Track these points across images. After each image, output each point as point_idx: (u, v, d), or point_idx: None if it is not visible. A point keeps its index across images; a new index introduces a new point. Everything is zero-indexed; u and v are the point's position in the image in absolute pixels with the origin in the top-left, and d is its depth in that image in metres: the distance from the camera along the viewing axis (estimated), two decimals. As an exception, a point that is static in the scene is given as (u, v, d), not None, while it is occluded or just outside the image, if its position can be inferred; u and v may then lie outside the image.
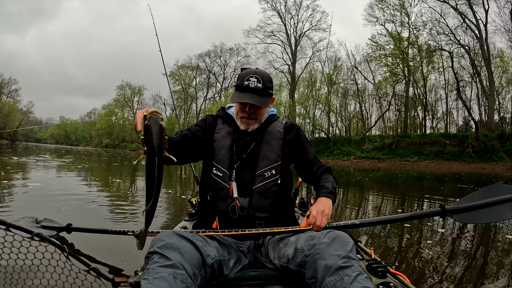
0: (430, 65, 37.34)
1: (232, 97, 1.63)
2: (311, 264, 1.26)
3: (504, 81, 35.42)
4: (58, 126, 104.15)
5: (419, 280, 2.27)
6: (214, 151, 1.68)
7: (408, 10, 36.77)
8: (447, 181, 13.94)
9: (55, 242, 1.32)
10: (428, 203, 7.28)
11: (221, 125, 1.75)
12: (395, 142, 32.03)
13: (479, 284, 2.29)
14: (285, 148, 1.70)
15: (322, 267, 1.20)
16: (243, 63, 52.82)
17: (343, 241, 1.25)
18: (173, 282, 1.10)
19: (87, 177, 9.93)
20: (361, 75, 40.90)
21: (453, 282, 2.29)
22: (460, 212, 1.64)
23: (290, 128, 1.76)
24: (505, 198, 1.60)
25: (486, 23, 32.75)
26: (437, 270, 2.49)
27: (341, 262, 1.17)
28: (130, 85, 70.52)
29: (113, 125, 75.66)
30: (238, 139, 1.68)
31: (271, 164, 1.64)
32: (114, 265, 2.34)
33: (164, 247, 1.21)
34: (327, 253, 1.22)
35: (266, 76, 1.64)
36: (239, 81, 1.63)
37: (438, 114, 40.34)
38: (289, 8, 46.83)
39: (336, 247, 1.23)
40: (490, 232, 4.07)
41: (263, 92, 1.61)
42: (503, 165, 25.33)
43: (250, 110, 1.64)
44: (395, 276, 1.44)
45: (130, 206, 5.12)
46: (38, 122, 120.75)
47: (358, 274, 1.14)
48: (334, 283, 1.14)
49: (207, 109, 51.62)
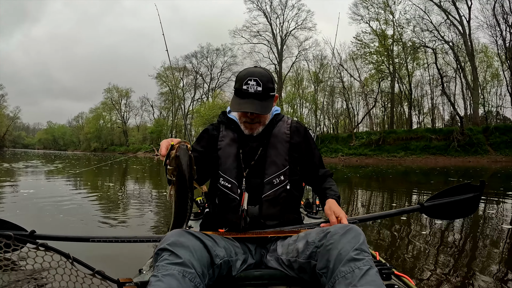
0: (415, 62, 37.65)
1: (231, 104, 1.53)
2: (323, 254, 1.24)
3: (488, 76, 36.04)
4: (46, 131, 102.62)
5: (424, 282, 2.24)
6: (219, 160, 1.61)
7: (392, 8, 37.15)
8: (436, 175, 13.87)
9: (59, 250, 1.33)
10: (425, 196, 7.07)
11: (224, 132, 1.66)
12: (382, 138, 32.19)
13: (486, 284, 2.26)
14: (292, 151, 1.63)
15: (334, 257, 1.18)
16: (230, 64, 53.15)
17: (356, 233, 1.23)
18: (182, 280, 1.09)
19: (81, 182, 9.77)
20: (347, 73, 41.12)
21: (459, 284, 2.25)
22: (433, 209, 1.86)
23: (297, 130, 1.69)
24: (470, 196, 1.87)
25: (469, 20, 33.28)
26: (442, 272, 2.43)
27: (354, 254, 1.15)
28: (117, 88, 69.62)
29: (101, 129, 74.63)
30: (244, 145, 1.61)
31: (279, 169, 1.58)
32: (118, 265, 2.40)
33: (174, 244, 1.18)
34: (341, 244, 1.19)
35: (266, 76, 1.54)
36: (237, 84, 1.54)
37: (424, 110, 40.86)
38: (275, 8, 46.84)
39: (349, 238, 1.20)
40: (496, 233, 3.92)
41: (264, 95, 1.52)
42: (488, 157, 25.80)
43: (252, 116, 1.55)
44: (400, 278, 1.43)
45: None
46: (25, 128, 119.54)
47: (369, 268, 1.12)
48: (345, 274, 1.11)
49: (195, 110, 50.99)
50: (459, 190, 1.91)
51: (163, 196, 6.77)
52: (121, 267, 2.38)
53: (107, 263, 2.40)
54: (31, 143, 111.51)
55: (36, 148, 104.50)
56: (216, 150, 1.63)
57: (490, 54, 34.87)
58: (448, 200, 1.88)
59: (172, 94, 59.86)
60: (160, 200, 6.39)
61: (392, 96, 38.02)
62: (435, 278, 2.34)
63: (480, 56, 35.45)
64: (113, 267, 2.31)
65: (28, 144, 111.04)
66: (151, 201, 6.37)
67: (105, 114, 74.29)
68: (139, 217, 4.67)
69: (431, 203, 1.88)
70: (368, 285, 1.07)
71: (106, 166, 17.75)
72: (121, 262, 2.61)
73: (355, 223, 1.55)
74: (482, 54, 35.55)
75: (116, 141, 73.10)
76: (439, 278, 2.34)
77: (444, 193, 1.92)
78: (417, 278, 2.30)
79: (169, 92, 60.02)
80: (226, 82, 54.80)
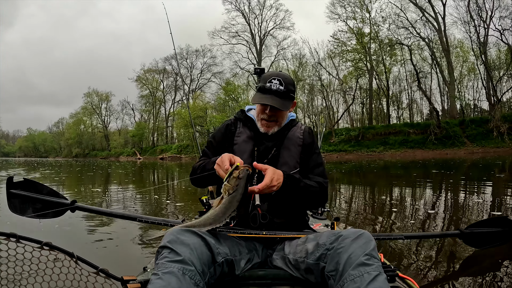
0: (392, 58, 37.87)
1: (253, 98, 1.59)
2: (333, 257, 1.24)
3: (465, 70, 36.58)
4: (26, 138, 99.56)
5: (428, 285, 2.19)
6: (234, 154, 1.52)
7: (368, 6, 37.22)
8: (419, 167, 13.82)
9: (64, 249, 1.35)
10: (420, 189, 7.03)
11: (241, 129, 1.70)
12: (361, 134, 32.19)
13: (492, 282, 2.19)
14: (303, 154, 1.67)
15: (345, 260, 1.18)
16: (209, 65, 52.21)
17: (367, 239, 1.24)
18: (182, 277, 1.08)
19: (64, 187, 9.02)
20: (325, 71, 40.91)
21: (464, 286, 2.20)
22: (470, 237, 2.17)
23: (308, 134, 1.73)
24: (505, 230, 2.15)
25: (444, 16, 33.62)
26: (446, 275, 2.35)
27: (364, 259, 1.15)
28: (97, 92, 68.00)
29: (82, 134, 72.81)
30: (259, 144, 1.64)
31: (290, 170, 1.59)
32: (122, 263, 2.37)
33: (174, 242, 1.17)
34: (352, 248, 1.20)
35: (289, 79, 1.60)
36: (261, 82, 1.60)
37: (403, 105, 41.15)
38: (253, 8, 46.55)
39: (360, 243, 1.21)
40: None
41: (284, 95, 1.57)
42: (465, 149, 26.12)
43: (270, 113, 1.59)
44: (404, 281, 1.42)
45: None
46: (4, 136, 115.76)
47: (378, 274, 1.12)
48: (354, 277, 1.12)
49: (176, 112, 50.01)
50: (495, 222, 2.12)
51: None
52: (126, 265, 2.36)
53: (112, 261, 2.37)
54: (12, 151, 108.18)
55: (17, 155, 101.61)
56: (232, 144, 1.67)
57: (466, 49, 35.26)
58: (485, 230, 2.06)
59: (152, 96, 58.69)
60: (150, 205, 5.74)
61: (370, 93, 38.17)
62: (440, 280, 2.26)
63: (456, 51, 35.95)
64: (118, 265, 2.29)
65: (8, 152, 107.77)
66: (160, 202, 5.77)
67: (85, 119, 72.65)
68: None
69: (469, 231, 2.10)
70: None
71: (91, 171, 17.11)
72: (127, 260, 2.55)
73: (401, 239, 1.98)
74: (458, 49, 36.03)
75: (98, 146, 71.68)
76: (444, 280, 2.26)
77: (482, 223, 2.11)
78: (422, 280, 2.24)
79: (150, 95, 58.86)
80: (206, 83, 54.15)
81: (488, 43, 31.50)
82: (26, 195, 1.91)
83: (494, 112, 27.32)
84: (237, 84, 45.59)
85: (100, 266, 1.34)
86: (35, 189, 1.96)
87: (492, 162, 14.70)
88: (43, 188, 1.98)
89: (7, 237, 1.32)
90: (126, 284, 1.31)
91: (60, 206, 1.98)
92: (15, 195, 1.89)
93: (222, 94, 45.25)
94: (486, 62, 30.78)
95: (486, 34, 31.21)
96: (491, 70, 31.08)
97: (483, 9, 31.01)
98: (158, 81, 58.33)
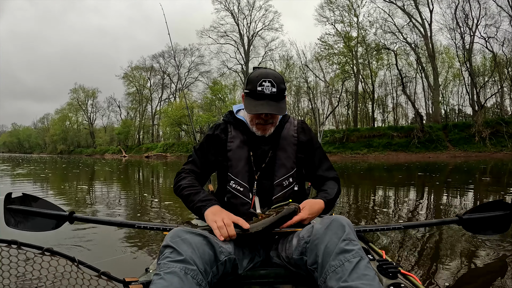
0: (379, 62, 37.92)
1: (247, 106, 1.49)
2: (311, 249, 1.21)
3: (450, 76, 36.97)
4: (11, 134, 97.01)
5: (430, 281, 2.10)
6: (230, 162, 1.57)
7: (356, 10, 37.17)
8: (404, 170, 13.71)
9: (65, 254, 1.34)
10: (406, 190, 7.02)
11: (233, 133, 1.61)
12: (346, 136, 31.91)
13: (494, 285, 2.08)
14: (299, 152, 1.61)
15: (322, 251, 1.15)
16: (197, 63, 51.27)
17: (340, 223, 1.19)
18: (184, 277, 1.05)
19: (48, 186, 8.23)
20: (312, 73, 40.61)
21: (466, 283, 2.13)
22: (470, 223, 2.03)
23: (303, 130, 1.66)
24: (502, 213, 2.03)
25: (430, 23, 33.62)
26: (448, 271, 2.26)
27: (342, 245, 1.12)
28: (83, 88, 66.52)
29: (67, 131, 71.13)
30: (255, 148, 1.57)
31: (288, 172, 1.56)
32: (123, 265, 2.36)
33: (176, 242, 1.15)
34: (327, 237, 1.17)
35: (279, 78, 1.50)
36: (250, 85, 1.48)
37: (388, 108, 41.20)
38: (242, 9, 46.02)
39: (334, 230, 1.18)
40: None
41: (278, 96, 1.48)
42: (448, 153, 26.12)
43: (267, 117, 1.50)
44: (406, 277, 1.40)
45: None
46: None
47: (359, 260, 1.08)
48: (335, 268, 1.08)
49: (163, 110, 49.09)
50: (493, 206, 2.05)
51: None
52: (128, 267, 2.34)
53: (114, 263, 2.26)
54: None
55: (1, 151, 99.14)
56: (225, 151, 1.59)
57: (452, 55, 35.43)
58: (485, 215, 2.00)
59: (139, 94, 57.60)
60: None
61: (356, 96, 37.96)
62: (442, 276, 2.19)
63: (442, 57, 36.22)
64: (120, 267, 2.26)
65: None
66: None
67: (71, 116, 71.08)
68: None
69: (468, 217, 2.00)
70: (359, 280, 1.02)
71: (77, 168, 16.40)
72: (128, 262, 2.48)
73: (400, 229, 1.91)
74: (444, 55, 36.32)
75: (83, 143, 70.12)
76: (447, 276, 2.19)
77: (480, 208, 2.05)
78: (424, 276, 2.19)
79: (136, 92, 57.75)
80: (193, 82, 53.19)
81: (473, 50, 31.61)
82: (25, 209, 1.94)
83: (476, 118, 27.35)
84: (224, 84, 45.00)
85: (102, 269, 1.33)
86: (33, 203, 2.00)
87: (475, 166, 14.53)
88: (41, 201, 2.02)
89: (8, 244, 1.32)
90: (128, 286, 1.30)
91: (58, 218, 2.00)
92: (14, 210, 1.92)
93: (209, 93, 44.56)
94: (470, 69, 30.81)
95: (472, 41, 31.29)
96: (475, 76, 31.15)
97: (470, 17, 31.05)
98: (145, 79, 57.25)
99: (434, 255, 2.65)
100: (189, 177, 1.56)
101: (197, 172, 1.61)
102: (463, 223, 2.01)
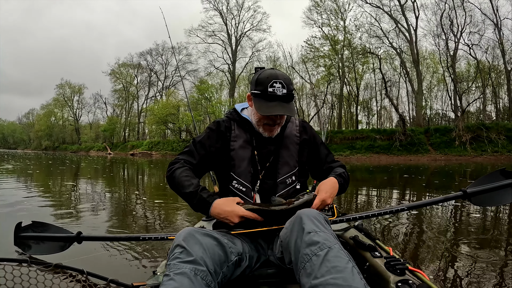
0: (364, 65, 37.76)
1: (258, 107, 1.42)
2: (285, 248, 1.19)
3: (435, 80, 36.89)
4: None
5: (439, 277, 2.13)
6: (233, 161, 1.52)
7: (344, 14, 36.89)
8: (390, 171, 13.47)
9: (74, 267, 1.36)
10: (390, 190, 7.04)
11: (237, 132, 1.56)
12: (329, 138, 31.37)
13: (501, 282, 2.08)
14: (302, 151, 1.60)
15: (293, 248, 1.12)
16: (184, 62, 50.19)
17: (305, 215, 1.15)
18: (194, 278, 1.03)
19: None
20: (298, 74, 40.19)
21: (474, 280, 2.10)
22: (475, 195, 1.87)
23: (304, 128, 1.64)
24: (506, 183, 1.85)
25: (416, 28, 33.52)
26: (457, 267, 2.30)
27: (307, 239, 1.07)
28: (70, 84, 64.86)
29: (53, 126, 69.26)
30: (259, 147, 1.54)
31: (291, 170, 1.54)
32: (131, 269, 2.32)
33: (187, 241, 1.13)
34: (294, 232, 1.14)
35: (288, 79, 1.46)
36: (260, 86, 1.42)
37: (373, 111, 41.06)
38: (231, 9, 45.42)
39: (299, 224, 1.13)
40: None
41: (289, 98, 1.44)
42: (429, 156, 25.88)
43: (276, 118, 1.47)
44: (414, 274, 1.36)
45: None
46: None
47: (327, 251, 1.02)
48: (304, 265, 1.03)
49: (149, 108, 48.03)
50: (497, 176, 1.92)
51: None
52: (135, 273, 2.27)
53: (122, 270, 2.30)
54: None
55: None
56: (228, 150, 1.53)
57: (436, 61, 35.39)
58: (491, 185, 1.88)
59: (125, 91, 56.34)
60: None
61: (341, 98, 37.65)
62: (451, 273, 2.20)
63: (427, 62, 36.24)
64: (128, 273, 2.25)
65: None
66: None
67: (57, 111, 69.24)
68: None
69: (472, 190, 1.89)
70: (329, 274, 0.96)
71: (64, 165, 15.91)
72: (136, 267, 2.37)
73: (403, 210, 1.82)
74: (429, 60, 36.32)
75: (68, 140, 68.42)
76: (455, 273, 2.19)
77: (484, 179, 1.93)
78: (432, 273, 2.19)
79: (123, 89, 56.47)
80: (180, 80, 52.20)
81: (457, 56, 31.60)
82: (36, 236, 2.03)
83: (457, 122, 27.26)
84: (211, 84, 44.25)
85: (110, 277, 1.34)
86: (42, 229, 2.10)
87: (458, 169, 14.29)
88: (49, 226, 2.13)
89: (19, 263, 1.35)
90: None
91: (67, 240, 2.06)
92: (26, 237, 2.01)
93: (195, 92, 43.73)
94: (454, 74, 30.73)
95: (456, 48, 31.28)
96: (458, 82, 31.10)
97: (454, 24, 31.02)
98: (132, 76, 56.05)
99: (442, 252, 2.63)
100: (184, 167, 1.47)
101: (193, 163, 1.52)
102: (468, 196, 1.90)
